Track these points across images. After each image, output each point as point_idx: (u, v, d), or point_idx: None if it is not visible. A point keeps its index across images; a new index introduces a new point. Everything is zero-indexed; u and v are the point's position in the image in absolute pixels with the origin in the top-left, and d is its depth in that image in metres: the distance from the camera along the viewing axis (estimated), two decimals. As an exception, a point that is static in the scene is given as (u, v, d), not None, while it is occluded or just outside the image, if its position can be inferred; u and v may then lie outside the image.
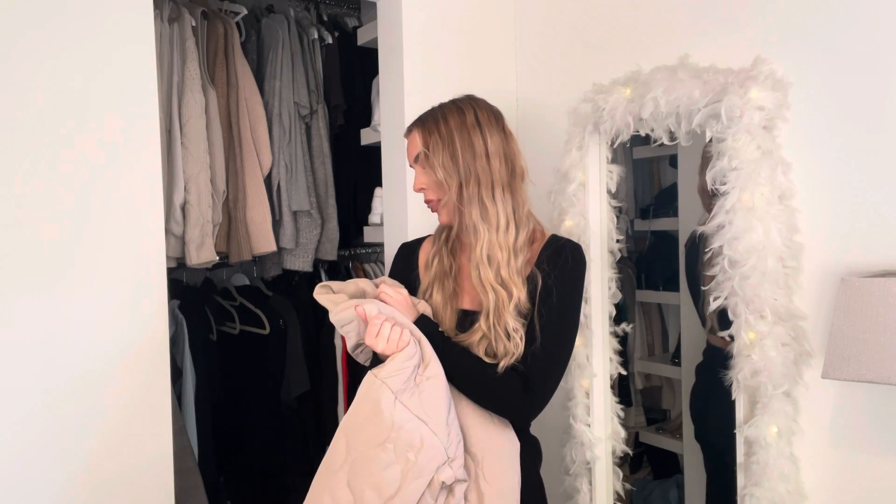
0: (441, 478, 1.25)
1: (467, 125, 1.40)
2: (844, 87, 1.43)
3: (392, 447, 1.25)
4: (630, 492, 2.00)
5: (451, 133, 1.40)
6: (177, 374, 2.37)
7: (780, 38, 1.53)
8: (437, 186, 1.41)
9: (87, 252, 1.56)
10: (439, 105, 1.47)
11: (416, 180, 1.45)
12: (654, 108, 1.62)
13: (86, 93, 1.56)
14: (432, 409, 1.28)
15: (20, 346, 1.49)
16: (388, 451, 1.25)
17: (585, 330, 1.86)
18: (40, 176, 1.51)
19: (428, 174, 1.42)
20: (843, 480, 1.47)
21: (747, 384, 1.49)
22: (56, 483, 1.53)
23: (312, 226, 2.53)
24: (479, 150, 1.38)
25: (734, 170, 1.47)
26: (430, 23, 2.08)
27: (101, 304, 1.58)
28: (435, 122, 1.43)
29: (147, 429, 1.63)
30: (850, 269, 1.42)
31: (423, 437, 1.25)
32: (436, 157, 1.39)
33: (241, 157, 2.33)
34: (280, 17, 2.52)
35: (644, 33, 1.82)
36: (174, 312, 2.39)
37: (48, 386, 1.52)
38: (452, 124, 1.40)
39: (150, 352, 1.64)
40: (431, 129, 1.42)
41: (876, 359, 1.23)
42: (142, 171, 1.64)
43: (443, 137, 1.40)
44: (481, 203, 1.37)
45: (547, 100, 2.13)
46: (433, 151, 1.39)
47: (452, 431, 1.30)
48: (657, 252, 2.69)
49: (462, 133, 1.39)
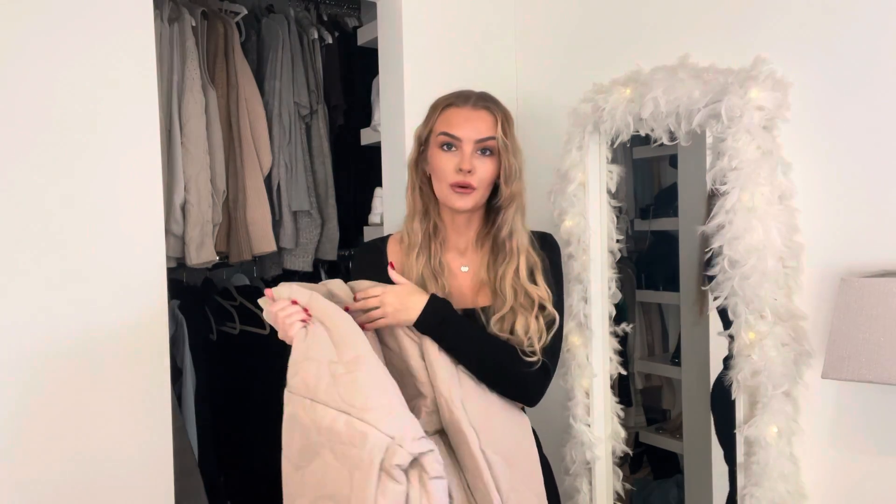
0: (394, 461, 1.13)
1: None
2: (844, 87, 1.43)
3: (329, 450, 1.18)
4: (630, 492, 2.00)
5: (514, 131, 1.43)
6: (177, 374, 2.37)
7: (780, 38, 1.53)
8: (491, 179, 1.40)
9: (87, 252, 1.56)
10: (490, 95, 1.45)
11: (471, 161, 1.37)
12: (654, 108, 1.62)
13: (85, 93, 1.56)
14: (355, 396, 1.18)
15: (20, 346, 1.49)
16: (327, 455, 1.18)
17: (585, 330, 1.86)
18: (40, 176, 1.51)
19: (491, 163, 1.40)
20: (843, 480, 1.47)
21: (747, 384, 1.49)
22: (56, 483, 1.53)
23: (312, 226, 2.54)
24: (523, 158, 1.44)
25: (734, 170, 1.47)
26: (430, 23, 2.08)
27: (100, 304, 1.58)
28: (505, 113, 1.43)
29: (147, 429, 1.63)
30: (850, 269, 1.42)
31: (355, 428, 1.16)
32: (510, 151, 1.40)
33: (241, 157, 2.33)
34: (280, 17, 2.52)
35: (644, 33, 1.82)
36: (174, 312, 2.39)
37: (48, 385, 1.52)
38: (512, 122, 1.44)
39: (150, 352, 1.64)
40: (506, 118, 1.42)
41: (876, 359, 1.23)
42: (142, 171, 1.64)
43: (513, 134, 1.42)
44: (523, 210, 1.44)
45: (547, 100, 2.13)
46: (510, 141, 1.40)
47: (394, 411, 1.20)
48: (657, 252, 2.69)
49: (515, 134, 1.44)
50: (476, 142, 1.38)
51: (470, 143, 1.38)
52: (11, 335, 1.48)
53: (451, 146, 1.39)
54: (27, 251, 1.49)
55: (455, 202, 1.39)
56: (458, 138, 1.38)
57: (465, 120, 1.38)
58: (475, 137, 1.38)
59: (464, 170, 1.36)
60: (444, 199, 1.42)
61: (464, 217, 1.45)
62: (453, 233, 1.47)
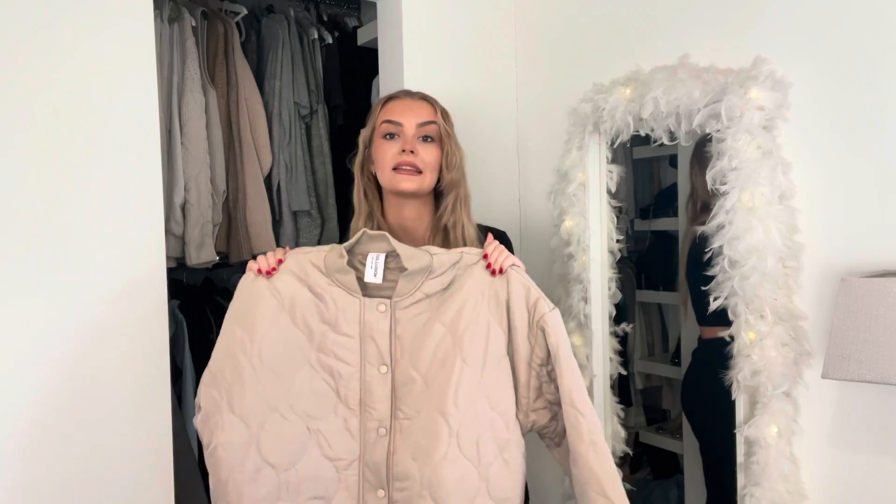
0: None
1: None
2: (844, 87, 1.43)
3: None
4: (630, 492, 2.00)
5: (454, 130, 1.49)
6: (177, 374, 2.37)
7: (780, 38, 1.53)
8: (436, 165, 1.45)
9: (86, 252, 1.56)
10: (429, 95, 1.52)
11: (414, 143, 1.43)
12: (654, 108, 1.62)
13: (86, 92, 1.56)
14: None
15: (20, 346, 1.49)
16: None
17: (585, 330, 1.86)
18: (39, 175, 1.51)
19: (434, 149, 1.45)
20: (843, 480, 1.47)
21: (747, 384, 1.49)
22: (55, 483, 1.52)
23: (312, 226, 2.53)
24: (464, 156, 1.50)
25: (734, 170, 1.47)
26: (430, 23, 2.08)
27: (100, 304, 1.57)
28: (444, 110, 1.49)
29: (147, 429, 1.63)
30: (850, 269, 1.42)
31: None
32: (452, 140, 1.46)
33: (241, 157, 2.33)
34: (280, 17, 2.52)
35: (644, 33, 1.82)
36: (174, 312, 2.38)
37: (47, 386, 1.52)
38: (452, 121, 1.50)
39: (150, 352, 1.64)
40: (446, 114, 1.49)
41: (876, 359, 1.23)
42: (142, 171, 1.63)
43: (452, 127, 1.47)
44: (468, 205, 1.48)
45: (547, 100, 2.13)
46: (451, 130, 1.46)
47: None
48: (657, 252, 2.69)
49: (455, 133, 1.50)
50: (418, 126, 1.44)
51: (412, 128, 1.44)
52: (11, 335, 1.48)
53: (394, 135, 1.45)
54: (27, 251, 1.49)
55: (400, 183, 1.42)
56: (400, 123, 1.44)
57: (406, 108, 1.46)
58: (416, 121, 1.44)
59: (406, 150, 1.42)
60: (389, 185, 1.45)
61: (412, 211, 1.48)
62: (401, 231, 1.49)
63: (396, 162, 1.42)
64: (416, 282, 1.31)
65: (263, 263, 1.34)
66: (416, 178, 1.42)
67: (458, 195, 1.46)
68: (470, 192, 1.50)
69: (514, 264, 1.33)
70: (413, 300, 1.31)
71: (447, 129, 1.46)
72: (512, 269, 1.32)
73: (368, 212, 1.49)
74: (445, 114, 1.49)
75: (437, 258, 1.31)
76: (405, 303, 1.31)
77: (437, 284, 1.32)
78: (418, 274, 1.31)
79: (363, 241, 1.34)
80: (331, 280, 1.33)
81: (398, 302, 1.31)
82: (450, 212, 1.46)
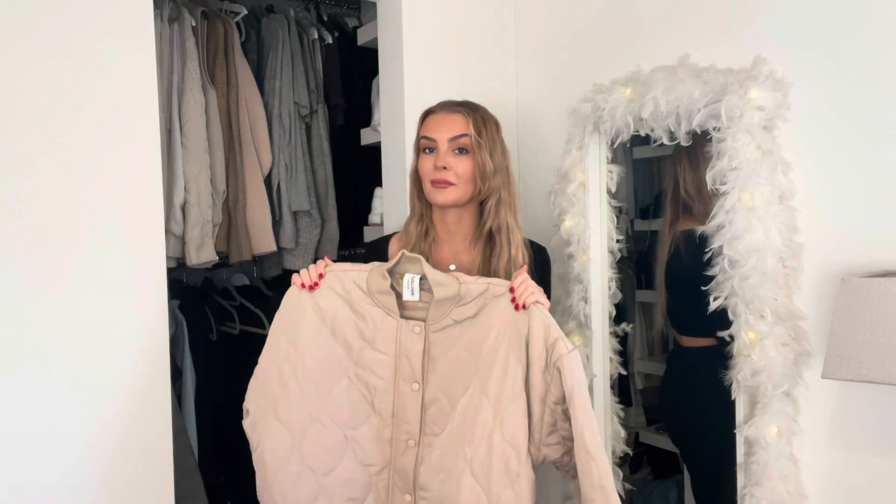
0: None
1: (501, 133, 1.53)
2: (844, 87, 1.43)
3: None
4: (630, 492, 2.00)
5: (496, 133, 1.52)
6: (177, 374, 2.37)
7: (780, 38, 1.53)
8: (470, 176, 1.49)
9: (86, 252, 1.56)
10: (471, 102, 1.55)
11: (447, 159, 1.48)
12: (654, 108, 1.62)
13: (86, 93, 1.56)
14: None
15: (20, 346, 1.49)
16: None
17: (585, 330, 1.86)
18: (40, 176, 1.51)
19: (468, 161, 1.49)
20: (843, 480, 1.47)
21: (747, 384, 1.49)
22: (55, 483, 1.52)
23: (312, 226, 2.53)
24: (510, 159, 1.55)
25: (734, 170, 1.47)
26: (430, 23, 2.08)
27: (100, 305, 1.57)
28: (483, 116, 1.52)
29: (147, 429, 1.63)
30: (850, 269, 1.42)
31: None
32: (485, 149, 1.48)
33: (241, 157, 2.32)
34: (280, 17, 2.52)
35: (644, 33, 1.82)
36: (174, 312, 2.38)
37: (47, 386, 1.52)
38: (494, 126, 1.53)
39: (150, 352, 1.64)
40: (482, 120, 1.51)
41: (876, 359, 1.23)
42: (142, 171, 1.63)
43: (491, 136, 1.50)
44: (514, 208, 1.53)
45: (547, 100, 2.13)
46: (486, 141, 1.49)
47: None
48: (657, 252, 2.69)
49: (500, 137, 1.53)
50: (449, 140, 1.49)
51: (444, 143, 1.49)
52: (11, 335, 1.48)
53: (431, 149, 1.52)
54: (27, 251, 1.49)
55: (435, 197, 1.50)
56: (433, 139, 1.51)
57: (440, 123, 1.51)
58: (447, 136, 1.49)
59: (438, 166, 1.48)
60: (428, 197, 1.53)
61: (453, 217, 1.55)
62: (445, 234, 1.57)
63: (432, 178, 1.50)
64: (445, 308, 1.40)
65: (306, 278, 1.45)
66: (450, 190, 1.49)
67: (498, 199, 1.51)
68: (516, 195, 1.55)
69: (538, 301, 1.37)
70: (444, 325, 1.40)
71: (479, 140, 1.48)
72: (535, 305, 1.36)
73: (420, 213, 1.57)
74: (482, 122, 1.50)
75: (464, 286, 1.40)
76: (437, 326, 1.41)
77: (465, 311, 1.40)
78: (448, 301, 1.40)
79: (402, 262, 1.44)
80: (371, 300, 1.43)
81: (431, 325, 1.41)
82: (493, 216, 1.51)
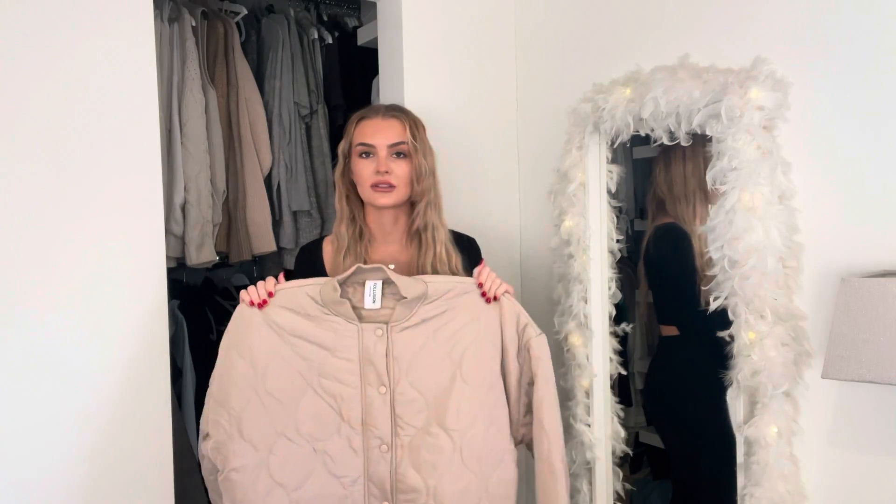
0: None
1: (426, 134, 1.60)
2: (844, 87, 1.43)
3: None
4: (630, 492, 2.00)
5: (425, 136, 1.58)
6: (177, 374, 2.37)
7: (780, 38, 1.53)
8: (408, 178, 1.54)
9: (87, 252, 1.56)
10: (399, 106, 1.64)
11: (387, 163, 1.53)
12: (654, 108, 1.62)
13: (86, 93, 1.56)
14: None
15: (19, 347, 1.49)
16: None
17: (585, 330, 1.86)
18: (40, 175, 1.51)
19: (406, 164, 1.54)
20: (843, 480, 1.47)
21: (747, 384, 1.49)
22: (56, 483, 1.52)
23: (312, 226, 2.53)
24: (435, 159, 1.59)
25: (734, 170, 1.47)
26: (430, 23, 2.08)
27: (101, 305, 1.57)
28: (414, 121, 1.58)
29: (147, 429, 1.63)
30: (850, 269, 1.42)
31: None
32: (420, 153, 1.54)
33: (241, 157, 2.33)
34: (280, 17, 2.52)
35: (644, 33, 1.82)
36: (174, 312, 2.38)
37: (47, 386, 1.52)
38: (423, 129, 1.58)
39: (150, 352, 1.64)
40: (415, 124, 1.57)
41: (876, 359, 1.23)
42: (142, 171, 1.63)
43: (423, 139, 1.57)
44: (439, 206, 1.58)
45: (547, 100, 2.13)
46: (420, 144, 1.54)
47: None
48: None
49: (427, 138, 1.58)
50: (389, 146, 1.54)
51: (384, 149, 1.54)
52: (10, 334, 1.48)
53: (369, 154, 1.55)
54: (27, 251, 1.49)
55: (378, 200, 1.54)
56: (373, 146, 1.54)
57: (377, 129, 1.56)
58: (387, 143, 1.54)
59: (381, 171, 1.53)
60: (368, 200, 1.57)
61: (389, 217, 1.59)
62: (380, 234, 1.62)
63: (373, 181, 1.53)
64: (412, 308, 1.43)
65: (255, 295, 1.44)
66: (391, 192, 1.54)
67: (428, 200, 1.57)
68: (441, 194, 1.61)
69: (507, 291, 1.47)
70: (410, 324, 1.42)
71: (415, 144, 1.54)
72: (505, 295, 1.47)
73: (350, 215, 1.60)
74: (415, 126, 1.57)
75: (432, 286, 1.44)
76: (401, 326, 1.42)
77: (432, 310, 1.44)
78: (415, 301, 1.42)
79: (357, 273, 1.45)
80: (328, 309, 1.42)
81: (394, 326, 1.42)
82: (422, 216, 1.57)
